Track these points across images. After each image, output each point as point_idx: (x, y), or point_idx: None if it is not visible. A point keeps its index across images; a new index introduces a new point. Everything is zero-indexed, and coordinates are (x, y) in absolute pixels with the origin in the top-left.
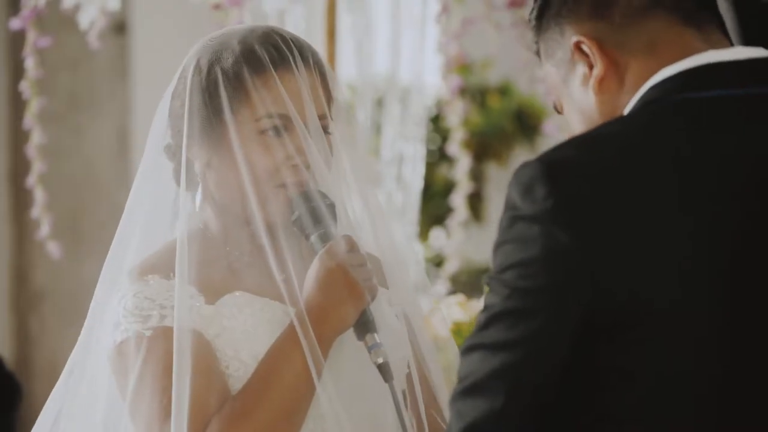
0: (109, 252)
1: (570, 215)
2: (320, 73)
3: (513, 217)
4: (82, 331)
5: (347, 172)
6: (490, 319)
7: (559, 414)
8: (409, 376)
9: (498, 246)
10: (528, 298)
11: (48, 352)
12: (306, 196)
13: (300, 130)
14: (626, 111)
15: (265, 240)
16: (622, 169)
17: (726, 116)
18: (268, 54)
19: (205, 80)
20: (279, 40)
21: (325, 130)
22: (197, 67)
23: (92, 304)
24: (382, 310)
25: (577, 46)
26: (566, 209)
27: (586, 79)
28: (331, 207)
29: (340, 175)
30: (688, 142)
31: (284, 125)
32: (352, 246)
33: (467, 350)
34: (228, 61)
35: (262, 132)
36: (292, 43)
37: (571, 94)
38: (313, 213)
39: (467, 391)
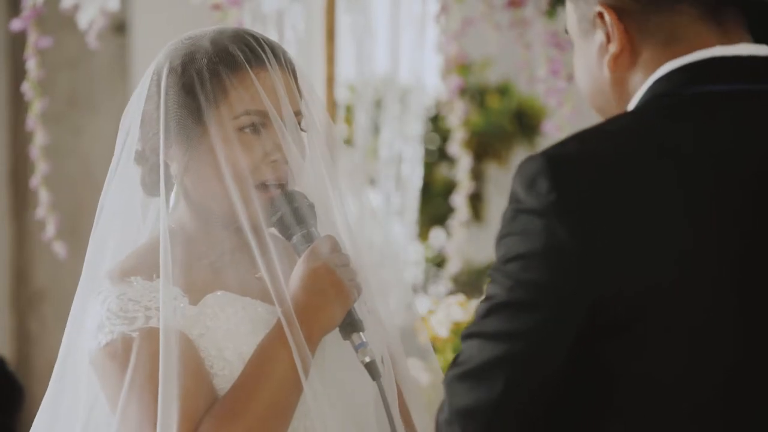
0: (85, 260)
1: (572, 210)
2: (292, 71)
3: (516, 210)
4: (63, 340)
5: (327, 171)
6: (491, 309)
7: (563, 412)
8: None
9: (501, 238)
10: (529, 290)
11: (48, 352)
12: (288, 197)
13: (277, 126)
14: (634, 99)
15: (250, 238)
16: (625, 165)
17: (731, 111)
18: (242, 53)
19: (181, 81)
20: (251, 40)
21: (300, 125)
22: (171, 69)
23: (71, 312)
24: (361, 309)
25: (600, 16)
26: (568, 204)
27: (602, 49)
28: (311, 207)
29: (318, 174)
30: (691, 138)
31: (262, 122)
32: (335, 246)
33: (467, 337)
34: (202, 62)
35: (241, 129)
36: (263, 42)
37: (586, 56)
38: (296, 213)
39: (464, 375)
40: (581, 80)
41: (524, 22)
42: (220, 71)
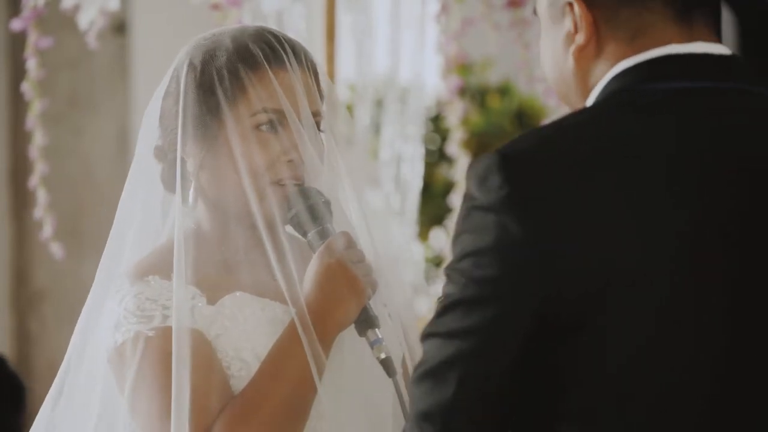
0: (103, 257)
1: (523, 206)
2: (313, 71)
3: (470, 207)
4: (74, 335)
5: (342, 170)
6: (446, 308)
7: (519, 412)
8: (403, 374)
9: (456, 236)
10: (482, 287)
11: (48, 352)
12: (303, 194)
13: (294, 126)
14: (593, 93)
15: (264, 237)
16: (580, 161)
17: (677, 108)
18: (263, 52)
19: (200, 78)
20: (272, 39)
21: (318, 126)
22: (191, 66)
23: (85, 309)
24: (377, 308)
25: (570, 6)
26: (519, 200)
27: (569, 38)
28: (327, 204)
29: (335, 174)
30: (644, 133)
31: (279, 120)
32: (350, 242)
33: (424, 337)
34: (222, 59)
35: (258, 127)
36: (285, 42)
37: (553, 42)
38: (311, 210)
39: (422, 377)
40: (546, 65)
41: (524, 22)
42: (239, 69)
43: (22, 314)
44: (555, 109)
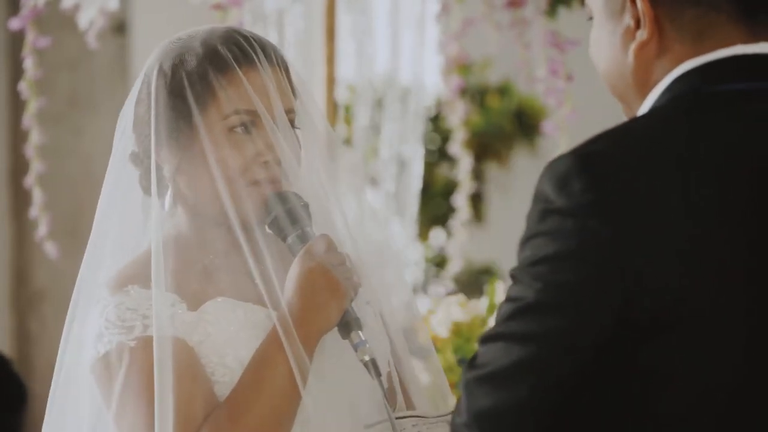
0: (82, 265)
1: (609, 210)
2: (284, 68)
3: (545, 210)
4: (61, 345)
5: (320, 169)
6: (517, 311)
7: (590, 415)
8: (389, 375)
9: (528, 239)
10: (560, 292)
11: (48, 352)
12: (281, 197)
13: (268, 126)
14: (653, 93)
15: (242, 240)
16: (654, 165)
17: (753, 109)
18: (232, 53)
19: (170, 83)
20: (241, 39)
21: (293, 124)
22: (160, 71)
23: (68, 318)
24: (360, 308)
25: (632, 0)
26: (605, 204)
27: (629, 33)
28: (306, 207)
29: (313, 173)
30: (709, 139)
31: (252, 122)
32: (330, 245)
33: (489, 339)
34: (192, 62)
35: (231, 130)
36: (254, 41)
37: (610, 37)
38: (290, 214)
39: (485, 378)
40: (601, 59)
41: (524, 22)
42: (209, 72)
43: (22, 314)
44: (554, 109)
